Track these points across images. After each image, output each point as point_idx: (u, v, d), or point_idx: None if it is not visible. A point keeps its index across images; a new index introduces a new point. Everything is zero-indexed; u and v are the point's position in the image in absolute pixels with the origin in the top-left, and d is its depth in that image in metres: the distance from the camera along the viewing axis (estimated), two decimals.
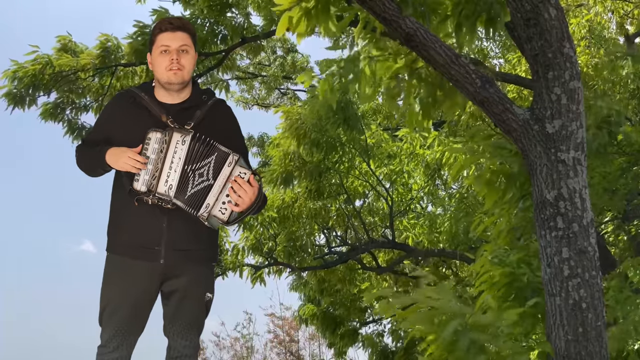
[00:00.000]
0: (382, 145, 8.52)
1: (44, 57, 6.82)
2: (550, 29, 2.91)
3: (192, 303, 2.55)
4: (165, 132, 2.49)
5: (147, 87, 2.64)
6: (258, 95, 15.12)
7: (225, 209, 2.50)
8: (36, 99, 6.88)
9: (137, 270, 2.49)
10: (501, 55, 10.95)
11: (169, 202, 2.48)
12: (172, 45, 2.55)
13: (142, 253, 2.49)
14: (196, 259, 2.55)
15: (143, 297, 2.52)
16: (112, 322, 2.50)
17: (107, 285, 2.54)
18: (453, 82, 2.99)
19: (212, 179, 2.49)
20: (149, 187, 2.47)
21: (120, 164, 2.48)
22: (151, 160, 2.47)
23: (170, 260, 2.49)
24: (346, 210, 9.09)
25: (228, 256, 8.54)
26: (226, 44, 7.47)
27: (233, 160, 2.49)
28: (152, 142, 2.48)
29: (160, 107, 2.56)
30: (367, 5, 2.92)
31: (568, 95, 2.91)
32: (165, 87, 2.59)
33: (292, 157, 7.95)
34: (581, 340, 2.68)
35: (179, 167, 2.46)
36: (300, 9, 3.18)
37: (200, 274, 2.58)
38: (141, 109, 2.57)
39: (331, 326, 9.94)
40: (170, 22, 2.60)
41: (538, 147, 2.87)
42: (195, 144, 2.47)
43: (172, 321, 2.55)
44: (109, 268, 2.56)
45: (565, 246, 2.77)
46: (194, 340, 2.55)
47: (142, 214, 2.49)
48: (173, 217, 2.50)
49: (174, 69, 2.54)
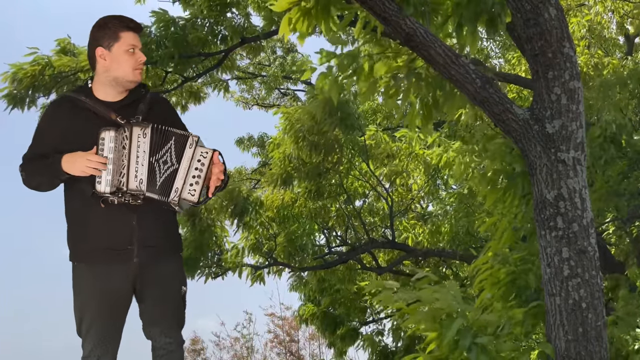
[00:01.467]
0: (381, 145, 8.52)
1: (43, 58, 6.81)
2: (550, 29, 2.91)
3: (169, 300, 2.53)
4: (122, 128, 2.46)
5: (84, 89, 2.59)
6: (258, 95, 15.12)
7: (195, 190, 2.47)
8: (36, 100, 6.88)
9: (110, 275, 2.45)
10: (501, 55, 10.95)
11: (140, 197, 2.45)
12: (138, 46, 2.56)
13: (115, 256, 2.44)
14: (165, 252, 2.53)
15: (119, 301, 2.49)
16: (91, 333, 2.46)
17: (80, 296, 2.49)
18: (453, 82, 2.99)
19: (176, 163, 2.47)
20: (117, 185, 2.43)
21: (78, 168, 2.42)
22: (110, 159, 2.43)
23: (143, 257, 2.46)
24: (346, 211, 9.09)
25: (228, 256, 8.54)
26: (226, 44, 7.47)
27: (193, 141, 2.48)
28: (107, 142, 2.43)
29: (103, 106, 2.52)
30: (367, 5, 2.92)
31: (568, 95, 2.90)
32: (122, 85, 2.55)
33: (291, 158, 7.95)
34: (581, 340, 2.68)
35: (145, 160, 2.45)
36: (299, 9, 3.18)
37: (172, 269, 2.56)
38: (84, 111, 2.51)
39: (331, 326, 9.93)
40: (131, 21, 2.57)
41: (538, 147, 2.87)
42: (154, 135, 2.46)
43: (152, 322, 2.52)
44: (79, 278, 2.49)
45: (565, 246, 2.77)
46: (176, 336, 2.54)
47: (109, 216, 2.44)
48: (142, 213, 2.47)
49: (138, 69, 2.55)
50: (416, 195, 9.24)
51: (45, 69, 6.78)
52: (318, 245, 9.58)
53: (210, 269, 8.50)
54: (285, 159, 7.96)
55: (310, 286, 9.90)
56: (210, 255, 8.42)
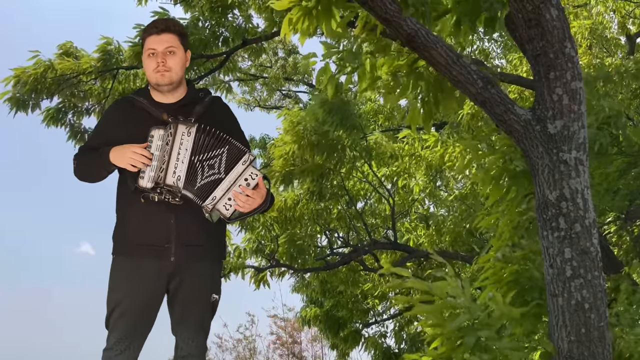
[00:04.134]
0: (382, 145, 8.52)
1: (45, 62, 6.82)
2: (551, 30, 2.91)
3: (198, 305, 2.55)
4: (168, 126, 2.51)
5: (143, 91, 2.68)
6: (260, 97, 15.13)
7: (230, 205, 2.50)
8: (39, 103, 6.89)
9: (146, 271, 2.48)
10: (502, 55, 10.95)
11: (177, 194, 2.48)
12: (158, 48, 2.58)
13: (152, 252, 2.48)
14: (204, 256, 2.55)
15: (152, 297, 2.52)
16: (119, 325, 2.48)
17: (115, 287, 2.53)
18: (454, 83, 2.99)
19: (223, 173, 2.50)
20: (156, 180, 2.47)
21: (125, 160, 2.48)
22: (155, 156, 2.48)
23: (179, 257, 2.48)
24: (348, 212, 9.09)
25: (230, 258, 8.54)
26: (227, 46, 7.48)
27: (248, 159, 2.52)
28: (156, 139, 2.50)
29: (158, 107, 2.59)
30: (368, 6, 2.92)
31: (570, 95, 2.90)
32: (155, 89, 2.62)
33: (293, 159, 7.95)
34: (584, 341, 2.67)
35: (186, 158, 2.48)
36: (300, 9, 3.18)
37: (207, 274, 2.58)
38: (140, 111, 2.59)
39: (334, 328, 9.92)
40: (156, 25, 2.62)
41: (540, 148, 2.87)
42: (200, 135, 2.50)
43: (179, 323, 2.54)
44: (117, 270, 2.55)
45: (567, 247, 2.76)
46: (200, 341, 2.55)
47: (149, 212, 2.49)
48: (181, 213, 2.50)
49: (160, 70, 2.57)
50: (418, 196, 9.24)
51: (48, 72, 6.80)
52: (320, 246, 9.59)
53: None
54: (288, 157, 7.95)
55: (313, 288, 9.90)
56: None
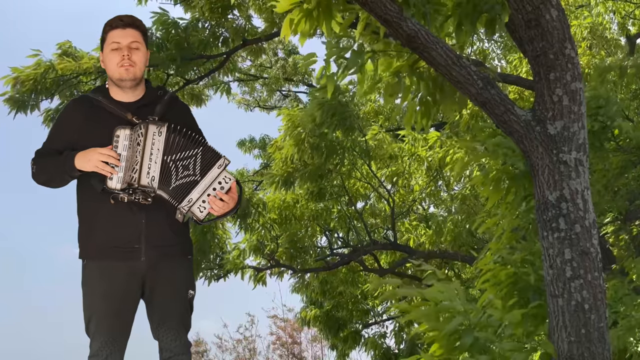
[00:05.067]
0: (383, 146, 8.52)
1: (46, 63, 6.82)
2: (551, 30, 2.91)
3: (176, 303, 2.53)
4: (138, 126, 2.47)
5: (101, 90, 2.61)
6: (259, 97, 15.11)
7: (204, 207, 2.50)
8: (39, 104, 6.88)
9: (118, 273, 2.45)
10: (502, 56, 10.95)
11: (150, 194, 2.46)
12: (123, 42, 2.52)
13: (122, 253, 2.45)
14: (174, 255, 2.54)
15: (127, 300, 2.49)
16: (99, 332, 2.45)
17: (89, 294, 2.49)
18: (454, 84, 2.99)
19: (199, 175, 2.49)
20: (128, 181, 2.44)
21: (92, 164, 2.42)
22: (123, 157, 2.44)
23: (150, 257, 2.46)
24: (348, 212, 9.09)
25: (230, 257, 8.54)
26: (227, 46, 7.48)
27: (224, 163, 2.51)
28: (122, 139, 2.45)
29: (120, 106, 2.54)
30: (369, 7, 2.92)
31: (570, 96, 2.90)
32: (118, 84, 2.56)
33: (293, 160, 7.96)
34: (584, 342, 2.68)
35: (158, 158, 2.46)
36: (301, 10, 3.18)
37: (181, 272, 2.56)
38: (100, 111, 2.54)
39: (334, 328, 9.92)
40: (121, 19, 2.57)
41: (540, 148, 2.87)
42: (171, 135, 2.47)
43: (159, 324, 2.52)
44: (88, 276, 2.50)
45: (567, 247, 2.76)
46: (183, 339, 2.54)
47: (117, 213, 2.45)
48: (151, 212, 2.47)
49: (125, 65, 2.51)
50: (418, 196, 9.24)
51: (47, 72, 6.79)
52: (320, 247, 9.59)
53: (212, 271, 8.50)
54: (287, 160, 7.96)
55: (312, 288, 9.89)
56: (213, 257, 8.42)
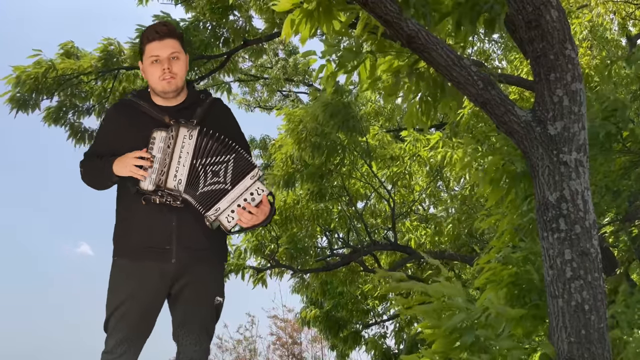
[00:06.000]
0: (384, 147, 8.52)
1: (47, 62, 6.83)
2: (552, 31, 2.91)
3: (201, 307, 2.51)
4: (170, 129, 2.48)
5: (143, 94, 2.63)
6: (260, 98, 15.12)
7: (232, 218, 2.47)
8: (39, 103, 6.89)
9: (147, 273, 2.45)
10: (503, 56, 10.95)
11: (178, 197, 2.45)
12: (162, 55, 2.52)
13: (153, 254, 2.45)
14: (206, 259, 2.52)
15: (153, 300, 2.48)
16: (119, 328, 2.45)
17: (115, 290, 2.49)
18: (455, 84, 2.99)
19: (229, 185, 2.47)
20: (157, 183, 2.44)
21: (127, 169, 2.45)
22: (157, 159, 2.45)
23: (181, 259, 2.45)
24: (348, 212, 9.09)
25: (230, 258, 8.54)
26: (228, 47, 7.49)
27: (257, 174, 2.49)
28: (157, 141, 2.47)
29: (160, 110, 2.55)
30: (369, 7, 2.92)
31: (570, 97, 2.91)
32: (161, 96, 2.58)
33: (293, 159, 7.96)
34: (584, 343, 2.68)
35: (187, 162, 2.46)
36: (301, 11, 3.18)
37: (211, 277, 2.54)
38: (141, 115, 2.56)
39: (334, 328, 9.92)
40: (157, 30, 2.56)
41: (540, 149, 2.87)
42: (203, 139, 2.47)
43: (181, 326, 2.50)
44: (117, 273, 2.51)
45: (567, 248, 2.77)
46: (203, 345, 2.51)
47: (150, 215, 2.46)
48: (182, 215, 2.47)
49: (166, 78, 2.52)
50: (418, 197, 9.24)
51: (49, 71, 6.80)
52: (320, 247, 9.59)
53: None
54: (288, 160, 7.96)
55: (313, 288, 9.90)
56: None
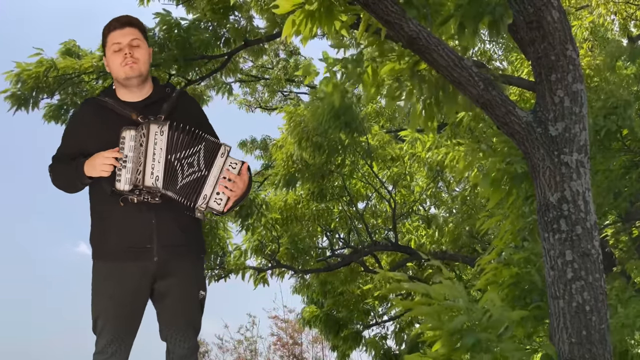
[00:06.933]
0: (385, 148, 8.52)
1: (48, 61, 6.82)
2: (553, 32, 2.91)
3: (187, 304, 2.53)
4: (140, 127, 2.47)
5: (109, 91, 2.63)
6: (261, 98, 15.11)
7: (221, 199, 2.50)
8: (39, 101, 6.89)
9: (129, 273, 2.46)
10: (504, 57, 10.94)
11: (157, 194, 2.45)
12: (123, 41, 2.53)
13: (133, 254, 2.45)
14: (186, 255, 2.53)
15: (134, 299, 2.49)
16: (107, 330, 2.46)
17: (99, 293, 2.50)
18: (456, 85, 2.99)
19: (205, 170, 2.49)
20: (134, 183, 2.44)
21: (98, 169, 2.45)
22: (130, 158, 2.44)
23: (162, 257, 2.46)
24: (349, 213, 9.09)
25: (231, 258, 8.54)
26: (229, 47, 7.48)
27: (225, 150, 2.50)
28: (128, 140, 2.46)
29: (126, 107, 2.54)
30: (370, 8, 2.92)
31: (571, 97, 2.91)
32: (124, 84, 2.56)
33: (294, 159, 7.96)
34: (585, 343, 2.68)
35: (162, 158, 2.45)
36: (303, 11, 3.19)
37: (192, 272, 2.56)
38: (108, 112, 2.54)
39: (334, 329, 9.92)
40: (117, 20, 2.58)
41: (541, 150, 2.87)
42: (174, 133, 2.47)
43: (169, 324, 2.52)
44: (99, 276, 2.51)
45: (568, 249, 2.77)
46: (192, 341, 2.53)
47: (128, 214, 2.46)
48: (161, 212, 2.47)
49: (128, 63, 2.52)
50: (419, 197, 9.24)
51: (49, 70, 6.79)
52: (321, 247, 9.59)
53: (214, 271, 8.50)
54: (289, 160, 7.96)
55: (313, 288, 9.90)
56: (214, 257, 8.42)
